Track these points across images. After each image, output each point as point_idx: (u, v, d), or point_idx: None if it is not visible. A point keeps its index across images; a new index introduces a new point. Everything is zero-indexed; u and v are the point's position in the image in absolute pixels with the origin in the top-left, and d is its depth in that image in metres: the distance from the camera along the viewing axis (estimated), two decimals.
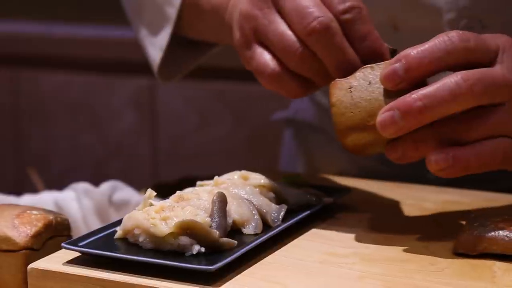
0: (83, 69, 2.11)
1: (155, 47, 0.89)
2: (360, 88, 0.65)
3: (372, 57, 0.67)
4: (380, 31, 0.87)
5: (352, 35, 0.67)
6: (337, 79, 0.66)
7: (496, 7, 0.83)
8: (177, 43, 0.89)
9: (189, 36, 0.89)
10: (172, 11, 0.86)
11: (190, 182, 0.73)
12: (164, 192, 0.69)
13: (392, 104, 0.62)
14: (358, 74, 0.65)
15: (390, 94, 0.63)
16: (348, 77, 0.66)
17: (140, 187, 0.98)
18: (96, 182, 0.92)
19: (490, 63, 0.64)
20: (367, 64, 0.66)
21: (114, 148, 2.12)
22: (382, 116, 0.62)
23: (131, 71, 2.04)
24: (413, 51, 0.63)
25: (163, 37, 0.87)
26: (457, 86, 0.62)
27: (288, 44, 0.68)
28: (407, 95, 0.62)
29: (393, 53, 0.69)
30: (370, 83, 0.65)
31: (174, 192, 0.66)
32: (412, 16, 0.85)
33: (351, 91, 0.65)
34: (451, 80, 0.62)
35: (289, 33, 0.68)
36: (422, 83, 0.63)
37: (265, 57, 0.70)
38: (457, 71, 0.63)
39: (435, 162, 0.63)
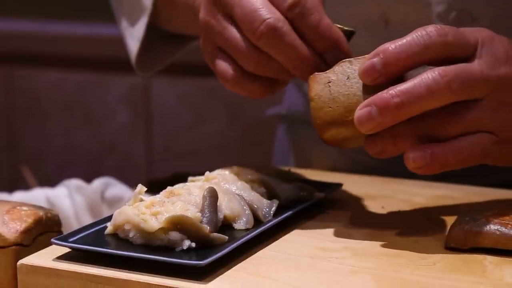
0: (77, 67, 2.11)
1: (133, 38, 0.89)
2: (339, 82, 0.64)
3: (328, 45, 0.67)
4: (371, 26, 0.88)
5: (303, 29, 0.67)
6: (315, 73, 0.66)
7: (486, 0, 0.83)
8: (156, 35, 0.89)
9: (166, 29, 0.89)
10: (148, 1, 0.85)
11: (182, 178, 0.73)
12: (156, 188, 0.69)
13: (370, 100, 0.62)
14: (337, 68, 0.65)
15: (368, 89, 0.63)
16: (327, 71, 0.65)
17: (134, 184, 0.98)
18: (90, 180, 0.92)
19: (469, 58, 0.64)
20: (327, 57, 0.67)
21: (108, 146, 2.12)
22: (359, 112, 0.62)
23: (125, 69, 2.02)
24: (391, 46, 0.63)
25: (140, 28, 0.87)
26: (435, 82, 0.61)
27: (242, 49, 0.68)
28: (385, 91, 0.62)
29: (351, 34, 0.69)
30: (348, 77, 0.64)
31: (170, 185, 0.66)
32: (403, 10, 0.85)
33: (329, 86, 0.65)
34: (428, 76, 0.62)
35: (242, 38, 0.68)
36: (400, 78, 0.63)
37: (224, 63, 0.70)
38: (436, 66, 0.63)
39: (413, 160, 0.63)
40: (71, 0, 2.13)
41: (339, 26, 0.69)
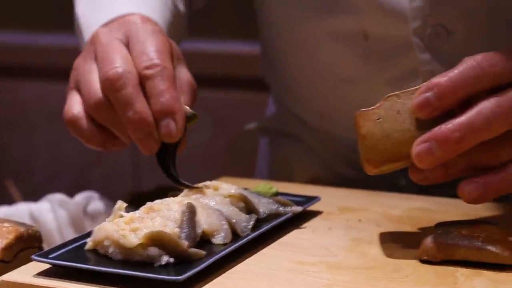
0: (63, 78, 2.10)
1: None
2: (389, 118, 0.64)
3: (163, 114, 0.68)
4: (351, 39, 0.88)
5: (150, 90, 0.68)
6: (362, 109, 0.65)
7: (460, 13, 0.83)
8: None
9: None
10: None
11: (165, 190, 0.73)
12: (139, 201, 0.69)
13: (428, 135, 0.62)
14: (384, 103, 0.64)
15: (422, 123, 0.63)
16: (373, 106, 0.64)
17: (122, 194, 0.98)
18: (78, 191, 0.92)
19: None
20: (161, 124, 0.68)
21: (95, 157, 2.11)
22: (418, 148, 0.62)
23: None
24: (444, 79, 0.62)
25: None
26: (492, 114, 0.61)
27: (89, 90, 0.70)
28: (443, 125, 0.62)
29: (192, 117, 0.72)
30: (398, 112, 0.64)
31: (150, 201, 0.67)
32: (381, 25, 0.86)
33: (380, 122, 0.64)
34: (485, 107, 0.62)
35: (95, 80, 0.70)
36: (451, 110, 0.63)
37: (72, 101, 0.72)
38: (486, 96, 0.62)
39: (468, 193, 0.63)
40: (55, 12, 2.13)
41: (185, 107, 0.71)
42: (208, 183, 0.72)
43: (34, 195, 1.03)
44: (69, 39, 2.10)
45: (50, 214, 0.87)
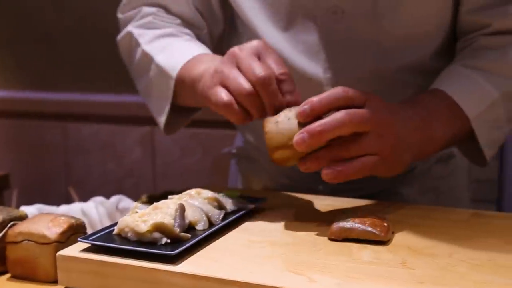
0: (108, 121, 2.10)
1: (161, 116, 0.86)
2: (283, 122, 0.65)
3: (293, 104, 0.67)
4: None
5: (283, 88, 0.67)
6: (268, 117, 0.66)
7: (356, 80, 0.81)
8: (173, 111, 0.86)
9: (180, 104, 0.86)
10: (169, 93, 0.83)
11: (170, 193, 0.72)
12: (153, 200, 0.68)
13: (303, 129, 0.63)
14: (282, 113, 0.65)
15: (301, 125, 0.64)
16: (275, 116, 0.65)
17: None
18: (115, 195, 0.91)
19: (362, 106, 0.65)
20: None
21: (128, 172, 2.10)
22: (296, 137, 0.63)
23: (138, 123, 2.03)
24: (316, 98, 0.64)
25: (166, 109, 0.85)
26: (342, 118, 0.63)
27: (240, 86, 0.67)
28: (311, 124, 0.63)
29: None
30: (289, 119, 0.65)
31: (161, 200, 0.66)
32: (306, 88, 0.82)
33: (277, 124, 0.65)
34: (338, 114, 0.63)
35: (242, 78, 0.67)
36: (321, 118, 0.64)
37: (223, 93, 0.68)
38: (342, 110, 0.64)
39: (325, 174, 0.64)
40: (105, 78, 2.12)
41: None
42: (193, 190, 0.71)
43: (87, 198, 1.02)
44: (113, 97, 2.11)
45: (94, 210, 0.87)
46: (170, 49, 0.84)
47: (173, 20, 0.91)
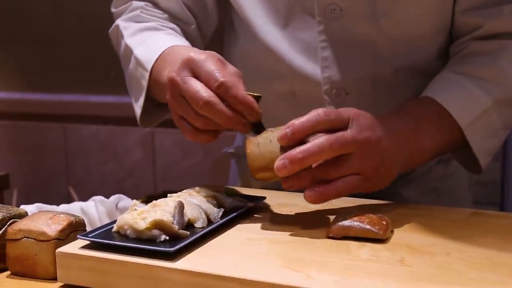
0: (108, 123, 2.11)
1: (138, 106, 0.88)
2: (265, 144, 0.65)
3: (246, 107, 0.66)
4: (284, 97, 0.87)
5: (227, 99, 0.66)
6: (250, 137, 0.66)
7: (353, 81, 0.84)
8: (151, 104, 0.88)
9: (157, 99, 0.87)
10: (144, 85, 0.84)
11: (166, 193, 0.73)
12: (152, 199, 0.69)
13: (283, 155, 0.63)
14: (264, 134, 0.65)
15: (283, 148, 0.64)
16: (257, 136, 0.65)
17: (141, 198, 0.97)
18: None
19: (344, 128, 0.65)
20: (246, 115, 0.66)
21: (128, 173, 2.11)
22: (277, 163, 0.63)
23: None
24: (297, 122, 0.63)
25: (141, 100, 0.86)
26: (322, 144, 0.62)
27: (193, 116, 0.67)
28: (293, 150, 0.62)
29: (258, 98, 0.68)
30: (271, 141, 0.65)
31: (156, 200, 0.66)
32: (304, 87, 0.85)
33: (258, 146, 0.65)
34: (319, 140, 0.63)
35: (192, 110, 0.67)
36: (302, 142, 0.64)
37: (183, 124, 0.69)
38: (323, 133, 0.63)
39: (308, 196, 0.64)
40: (104, 80, 2.13)
41: (250, 93, 0.67)
42: (193, 188, 0.71)
43: (87, 199, 1.03)
44: (112, 98, 2.12)
45: (94, 209, 0.86)
46: (149, 42, 0.85)
47: (160, 14, 0.92)
